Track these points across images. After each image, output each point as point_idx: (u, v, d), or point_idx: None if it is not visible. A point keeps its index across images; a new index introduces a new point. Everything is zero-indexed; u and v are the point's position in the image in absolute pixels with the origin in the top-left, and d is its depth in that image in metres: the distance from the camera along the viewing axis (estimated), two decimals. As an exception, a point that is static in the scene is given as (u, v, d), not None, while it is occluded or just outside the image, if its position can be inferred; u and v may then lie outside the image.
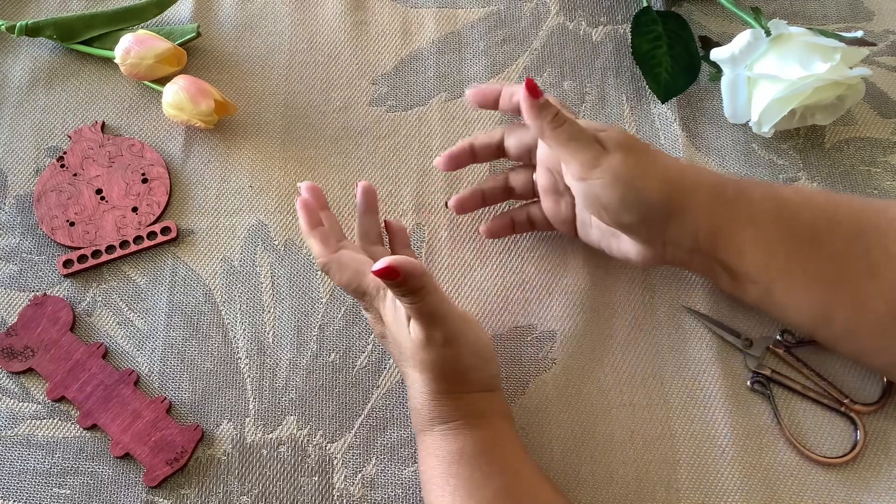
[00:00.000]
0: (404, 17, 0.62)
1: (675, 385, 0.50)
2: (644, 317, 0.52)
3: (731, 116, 0.56)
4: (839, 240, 0.44)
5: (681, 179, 0.44)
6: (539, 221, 0.52)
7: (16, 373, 0.51)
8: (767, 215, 0.44)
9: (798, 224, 0.44)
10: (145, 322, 0.52)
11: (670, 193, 0.44)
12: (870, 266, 0.43)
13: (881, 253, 0.43)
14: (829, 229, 0.44)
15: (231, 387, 0.51)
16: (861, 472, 0.47)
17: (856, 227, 0.44)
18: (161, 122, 0.58)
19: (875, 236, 0.44)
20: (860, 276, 0.43)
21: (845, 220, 0.44)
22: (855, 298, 0.44)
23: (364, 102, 0.59)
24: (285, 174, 0.57)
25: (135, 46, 0.56)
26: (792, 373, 0.50)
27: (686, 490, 0.47)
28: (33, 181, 0.57)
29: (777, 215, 0.44)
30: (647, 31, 0.58)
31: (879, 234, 0.44)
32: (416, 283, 0.39)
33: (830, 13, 0.61)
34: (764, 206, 0.44)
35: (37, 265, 0.54)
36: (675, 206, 0.44)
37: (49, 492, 0.48)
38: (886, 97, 0.58)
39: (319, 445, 0.49)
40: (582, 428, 0.49)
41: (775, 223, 0.44)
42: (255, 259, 0.54)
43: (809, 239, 0.44)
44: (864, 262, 0.43)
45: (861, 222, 0.44)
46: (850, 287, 0.44)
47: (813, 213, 0.44)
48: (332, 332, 0.52)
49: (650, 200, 0.43)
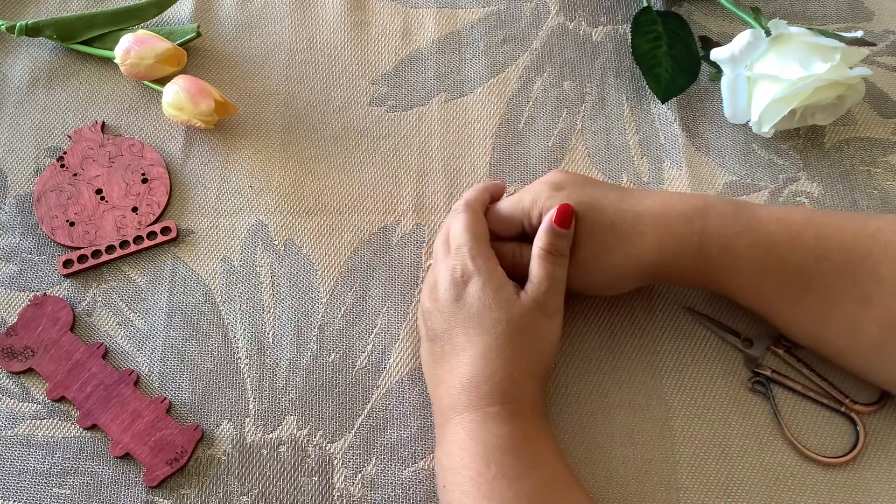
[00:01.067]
0: (404, 17, 0.62)
1: (675, 385, 0.50)
2: (644, 317, 0.52)
3: (731, 116, 0.56)
4: (829, 276, 0.44)
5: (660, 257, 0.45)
6: None
7: (16, 373, 0.51)
8: (754, 265, 0.44)
9: (786, 269, 0.44)
10: (145, 322, 0.52)
11: (655, 272, 0.46)
12: (861, 296, 0.43)
13: (872, 281, 0.43)
14: (818, 267, 0.44)
15: (231, 387, 0.51)
16: (861, 472, 0.47)
17: (846, 260, 0.44)
18: (161, 122, 0.58)
19: (867, 266, 0.43)
20: (851, 306, 0.44)
21: (835, 255, 0.44)
22: (847, 326, 0.44)
23: (364, 102, 0.59)
24: (285, 174, 0.57)
25: (135, 46, 0.56)
26: (792, 373, 0.50)
27: (686, 489, 0.47)
28: (33, 181, 0.57)
29: (763, 264, 0.44)
30: (647, 31, 0.58)
31: (872, 264, 0.43)
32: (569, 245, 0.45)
33: (830, 13, 0.61)
34: (750, 256, 0.44)
35: (37, 265, 0.54)
36: (663, 276, 0.47)
37: (49, 492, 0.48)
38: (886, 97, 0.58)
39: (319, 445, 0.49)
40: (582, 428, 0.49)
41: (762, 272, 0.45)
42: (255, 259, 0.54)
43: (799, 279, 0.44)
44: (855, 293, 0.43)
45: (852, 254, 0.44)
46: (842, 317, 0.44)
47: (802, 254, 0.44)
48: (332, 332, 0.52)
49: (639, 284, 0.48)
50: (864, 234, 0.44)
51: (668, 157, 0.57)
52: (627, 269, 0.45)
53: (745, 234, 0.44)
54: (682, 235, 0.44)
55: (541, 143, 0.57)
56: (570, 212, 0.44)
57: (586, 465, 0.48)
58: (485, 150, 0.57)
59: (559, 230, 0.44)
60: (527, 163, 0.57)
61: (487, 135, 0.58)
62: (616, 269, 0.45)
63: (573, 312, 0.52)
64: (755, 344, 0.50)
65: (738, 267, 0.45)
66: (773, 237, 0.44)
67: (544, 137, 0.58)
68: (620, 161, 0.57)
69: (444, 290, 0.46)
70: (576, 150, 0.57)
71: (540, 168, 0.57)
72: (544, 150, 0.57)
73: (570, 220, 0.44)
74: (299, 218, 0.55)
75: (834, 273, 0.44)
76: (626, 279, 0.47)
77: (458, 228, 0.47)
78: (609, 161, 0.57)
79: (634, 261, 0.45)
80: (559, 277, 0.45)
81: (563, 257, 0.45)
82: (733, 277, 0.45)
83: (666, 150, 0.57)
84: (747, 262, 0.44)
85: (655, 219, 0.45)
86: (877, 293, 0.43)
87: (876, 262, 0.43)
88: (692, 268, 0.45)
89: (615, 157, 0.57)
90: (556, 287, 0.45)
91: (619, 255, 0.45)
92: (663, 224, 0.45)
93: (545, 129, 0.58)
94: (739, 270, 0.45)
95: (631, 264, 0.45)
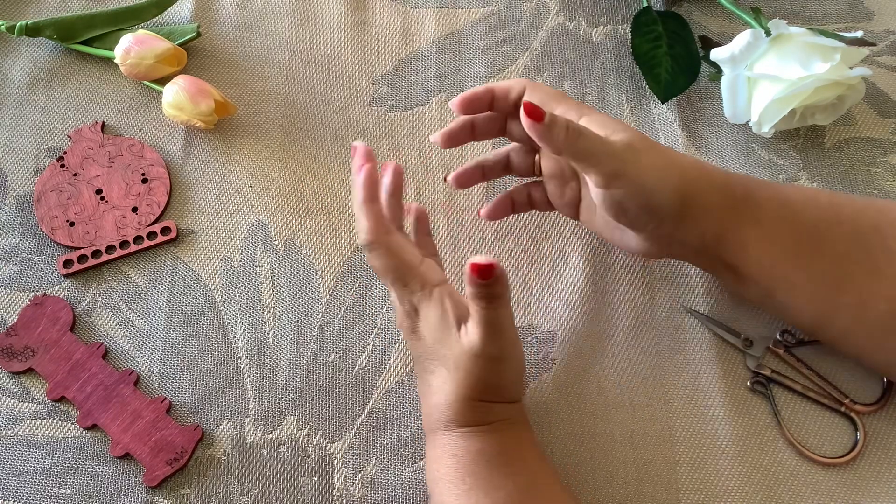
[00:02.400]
0: (404, 17, 0.62)
1: (675, 385, 0.50)
2: (644, 317, 0.52)
3: (731, 116, 0.56)
4: (841, 241, 0.44)
5: (696, 179, 0.44)
6: (540, 202, 0.51)
7: (16, 373, 0.51)
8: (772, 215, 0.44)
9: (801, 225, 0.44)
10: (145, 322, 0.52)
11: (686, 196, 0.43)
12: (872, 266, 0.43)
13: (883, 253, 0.43)
14: (831, 230, 0.44)
15: (231, 387, 0.51)
16: (861, 473, 0.47)
17: (858, 227, 0.44)
18: (161, 122, 0.58)
19: (877, 237, 0.44)
20: (862, 276, 0.43)
21: (848, 220, 0.44)
22: (857, 298, 0.44)
23: (364, 102, 0.59)
24: (285, 174, 0.57)
25: (135, 46, 0.56)
26: (792, 373, 0.50)
27: (686, 490, 0.47)
28: (33, 181, 0.57)
29: (781, 216, 0.44)
30: (647, 31, 0.58)
31: (881, 236, 0.44)
32: (500, 289, 0.39)
33: (830, 13, 0.61)
34: (769, 206, 0.45)
35: (37, 265, 0.54)
36: (689, 208, 0.44)
37: (49, 492, 0.48)
38: (886, 97, 0.58)
39: (319, 445, 0.49)
40: (582, 428, 0.49)
41: (779, 224, 0.44)
42: (255, 259, 0.54)
43: (812, 240, 0.44)
44: (867, 263, 0.43)
45: (863, 223, 0.44)
46: (852, 287, 0.44)
47: (816, 214, 0.45)
48: (332, 332, 0.52)
49: (667, 207, 0.43)
50: (873, 209, 0.45)
51: (668, 157, 0.57)
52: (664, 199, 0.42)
53: (765, 187, 0.46)
54: (711, 170, 0.45)
55: (541, 143, 0.57)
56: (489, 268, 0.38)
57: (586, 465, 0.48)
58: (485, 150, 0.57)
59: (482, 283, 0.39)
60: (527, 163, 0.57)
61: (487, 135, 0.58)
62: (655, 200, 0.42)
63: (573, 312, 0.52)
64: (755, 344, 0.50)
65: (757, 215, 0.44)
66: (790, 194, 0.45)
67: (544, 137, 0.58)
68: (620, 161, 0.57)
69: (398, 320, 0.45)
70: (576, 150, 0.57)
71: (540, 168, 0.57)
72: (544, 150, 0.57)
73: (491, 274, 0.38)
74: (299, 218, 0.55)
75: (846, 239, 0.44)
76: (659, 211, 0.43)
77: (377, 269, 0.42)
78: (609, 161, 0.57)
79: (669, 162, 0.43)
80: (498, 321, 0.40)
81: (497, 299, 0.40)
82: (752, 227, 0.44)
83: (666, 150, 0.57)
84: (765, 212, 0.44)
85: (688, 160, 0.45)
86: (887, 266, 0.43)
87: (886, 234, 0.44)
88: (717, 204, 0.44)
89: (615, 157, 0.57)
90: (496, 332, 0.40)
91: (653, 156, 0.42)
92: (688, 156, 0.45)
93: (545, 129, 0.58)
94: (758, 219, 0.44)
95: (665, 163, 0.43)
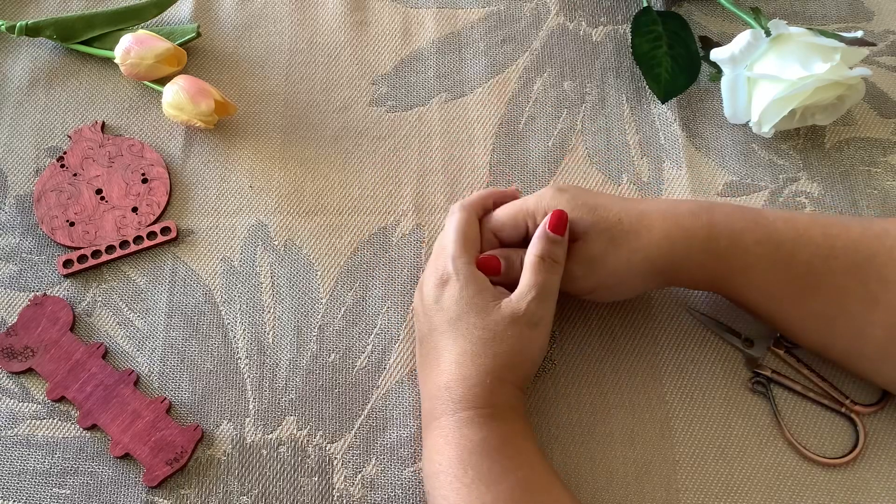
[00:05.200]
0: (404, 17, 0.62)
1: (675, 385, 0.50)
2: (644, 317, 0.52)
3: (731, 117, 0.56)
4: (836, 275, 0.44)
5: (669, 254, 0.44)
6: None
7: (16, 373, 0.51)
8: (762, 261, 0.44)
9: (794, 267, 0.44)
10: (145, 322, 0.52)
11: (662, 274, 0.45)
12: (868, 296, 0.43)
13: (879, 283, 0.43)
14: (825, 266, 0.44)
15: (231, 387, 0.51)
16: (861, 473, 0.47)
17: (853, 259, 0.44)
18: (161, 122, 0.58)
19: (873, 266, 0.43)
20: (858, 307, 0.44)
21: (842, 254, 0.44)
22: (853, 329, 0.44)
23: (364, 102, 0.59)
24: (285, 174, 0.57)
25: (135, 46, 0.56)
26: (792, 373, 0.50)
27: (686, 490, 0.47)
28: (33, 181, 0.57)
29: (772, 261, 0.44)
30: (647, 31, 0.58)
31: (878, 265, 0.43)
32: (564, 253, 0.44)
33: (830, 13, 0.61)
34: (757, 251, 0.44)
35: (37, 265, 0.54)
36: (672, 276, 0.46)
37: (49, 492, 0.48)
38: (886, 97, 0.58)
39: (319, 446, 0.49)
40: (582, 428, 0.49)
41: (771, 268, 0.44)
42: (255, 259, 0.54)
43: (807, 278, 0.44)
44: (862, 294, 0.43)
45: (858, 254, 0.44)
46: (849, 318, 0.44)
47: (810, 252, 0.44)
48: (332, 333, 0.52)
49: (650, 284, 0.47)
50: (869, 235, 0.44)
51: (668, 158, 0.57)
52: (636, 264, 0.44)
53: (753, 229, 0.45)
54: (689, 228, 0.44)
55: (541, 144, 0.57)
56: (563, 217, 0.44)
57: (586, 465, 0.48)
58: (485, 151, 0.57)
59: (553, 236, 0.44)
60: (527, 163, 0.57)
61: (487, 135, 0.58)
62: (624, 265, 0.45)
63: (573, 313, 0.52)
64: (755, 344, 0.50)
65: (746, 263, 0.44)
66: (781, 234, 0.44)
67: (544, 138, 0.58)
68: (620, 161, 0.57)
69: (427, 291, 0.46)
70: (576, 150, 0.57)
71: (540, 168, 0.57)
72: (544, 150, 0.57)
73: (565, 226, 0.44)
74: (299, 218, 0.55)
75: (842, 272, 0.44)
76: (633, 277, 0.46)
77: (448, 229, 0.47)
78: (609, 161, 0.57)
79: (642, 254, 0.44)
80: (550, 286, 0.44)
81: (556, 264, 0.44)
82: (742, 274, 0.45)
83: (666, 151, 0.57)
84: (756, 258, 0.44)
85: (661, 213, 0.45)
86: (883, 294, 0.43)
87: (882, 263, 0.43)
88: (700, 263, 0.45)
89: (615, 158, 0.57)
90: (544, 296, 0.44)
91: (627, 250, 0.44)
92: (670, 218, 0.45)
93: (545, 130, 0.58)
94: (748, 266, 0.44)
95: (639, 258, 0.44)
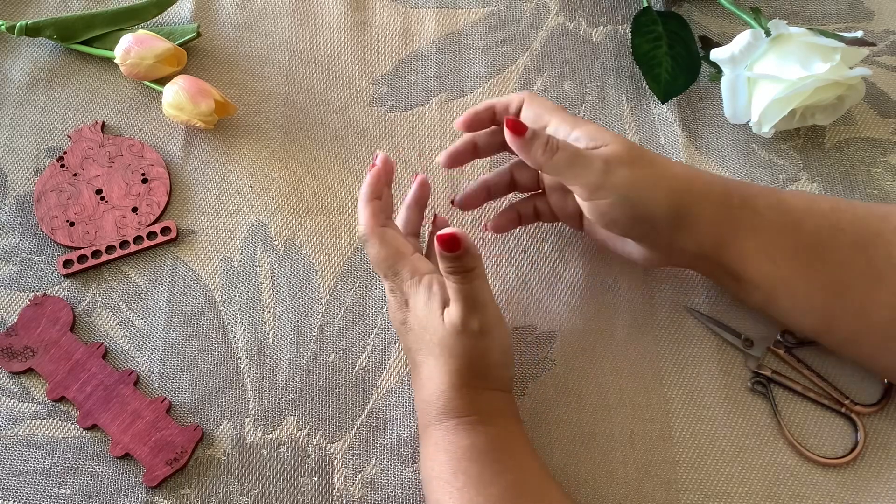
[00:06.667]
0: (404, 17, 0.62)
1: (675, 385, 0.50)
2: (644, 317, 0.52)
3: (731, 117, 0.56)
4: (843, 248, 0.44)
5: (688, 190, 0.44)
6: (545, 214, 0.51)
7: (16, 373, 0.51)
8: (772, 225, 0.44)
9: (802, 233, 0.44)
10: (145, 322, 0.52)
11: (678, 207, 0.43)
12: (874, 274, 0.43)
13: (885, 261, 0.43)
14: (832, 238, 0.44)
15: (231, 387, 0.51)
16: (861, 473, 0.47)
17: (859, 235, 0.44)
18: (161, 122, 0.58)
19: (879, 244, 0.43)
20: (864, 284, 0.43)
21: (849, 228, 0.44)
22: (858, 306, 0.44)
23: (364, 102, 0.59)
24: (285, 174, 0.57)
25: (135, 46, 0.56)
26: (792, 373, 0.50)
27: (686, 490, 0.47)
28: (33, 181, 0.57)
29: (781, 225, 0.44)
30: (648, 31, 0.58)
31: (883, 242, 0.43)
32: (471, 262, 0.40)
33: (830, 13, 0.61)
34: (768, 215, 0.44)
35: (37, 265, 0.54)
36: (682, 218, 0.44)
37: (49, 492, 0.48)
38: (886, 97, 0.58)
39: (319, 446, 0.49)
40: (582, 428, 0.49)
41: (779, 233, 0.44)
42: (255, 259, 0.54)
43: (813, 248, 0.44)
44: (868, 271, 0.43)
45: (864, 230, 0.44)
46: (854, 295, 0.44)
47: (817, 222, 0.44)
48: (332, 332, 0.52)
49: (658, 215, 0.43)
50: (875, 216, 0.45)
51: (668, 158, 0.57)
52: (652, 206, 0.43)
53: (765, 194, 0.45)
54: (707, 181, 0.45)
55: (541, 144, 0.57)
56: (454, 238, 0.40)
57: (586, 465, 0.48)
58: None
59: (449, 255, 0.40)
60: (527, 163, 0.57)
61: (487, 135, 0.58)
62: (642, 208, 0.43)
63: (573, 312, 0.52)
64: (755, 344, 0.50)
65: (755, 224, 0.44)
66: (790, 202, 0.45)
67: (544, 137, 0.58)
68: (620, 161, 0.57)
69: (391, 314, 0.46)
70: (576, 150, 0.57)
71: (540, 168, 0.57)
72: (544, 150, 0.57)
73: (458, 245, 0.40)
74: (299, 218, 0.55)
75: (848, 246, 0.44)
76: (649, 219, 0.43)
77: (372, 258, 0.45)
78: (609, 161, 0.57)
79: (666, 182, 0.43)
80: (475, 295, 0.41)
81: (468, 273, 0.41)
82: (750, 236, 0.44)
83: (666, 150, 0.57)
84: (766, 221, 0.44)
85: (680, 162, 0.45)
86: (888, 272, 0.43)
87: (887, 241, 0.43)
88: (711, 217, 0.44)
89: (615, 158, 0.57)
90: (474, 305, 0.41)
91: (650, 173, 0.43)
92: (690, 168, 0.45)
93: (545, 130, 0.58)
94: (757, 228, 0.44)
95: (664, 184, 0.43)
